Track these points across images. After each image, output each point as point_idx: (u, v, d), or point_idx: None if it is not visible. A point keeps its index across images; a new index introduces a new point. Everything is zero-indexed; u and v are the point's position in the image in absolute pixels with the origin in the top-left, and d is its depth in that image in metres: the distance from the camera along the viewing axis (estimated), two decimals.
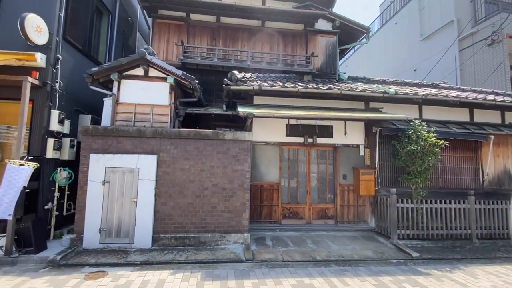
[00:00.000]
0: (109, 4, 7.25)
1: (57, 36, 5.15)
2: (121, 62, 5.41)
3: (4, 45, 4.80)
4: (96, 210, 4.85)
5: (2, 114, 5.12)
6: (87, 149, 5.00)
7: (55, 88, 5.14)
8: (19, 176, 4.25)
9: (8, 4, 4.99)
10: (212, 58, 7.42)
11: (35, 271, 4.03)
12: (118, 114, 5.50)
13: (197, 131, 5.31)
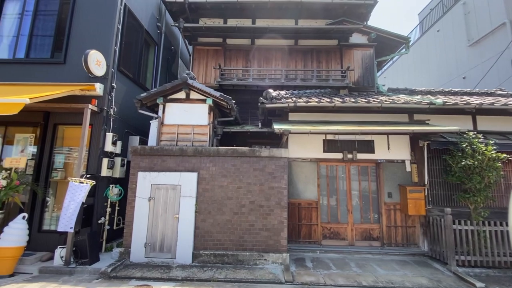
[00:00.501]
0: (155, 37, 8.07)
1: (112, 68, 5.84)
2: (166, 87, 5.89)
3: (70, 78, 5.59)
4: (142, 225, 5.15)
5: (67, 137, 5.84)
6: (135, 168, 5.42)
7: (110, 113, 5.76)
8: (79, 193, 4.74)
9: (74, 42, 5.83)
10: (247, 78, 7.72)
11: (89, 281, 4.35)
12: (163, 135, 5.92)
13: (234, 148, 5.46)
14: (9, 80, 5.64)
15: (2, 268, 4.39)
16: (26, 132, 5.78)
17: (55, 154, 5.66)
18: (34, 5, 6.00)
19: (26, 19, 5.97)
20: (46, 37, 5.94)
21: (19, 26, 5.96)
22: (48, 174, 5.52)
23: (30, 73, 5.69)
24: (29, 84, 5.57)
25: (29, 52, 5.82)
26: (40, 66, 5.76)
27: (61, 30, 5.91)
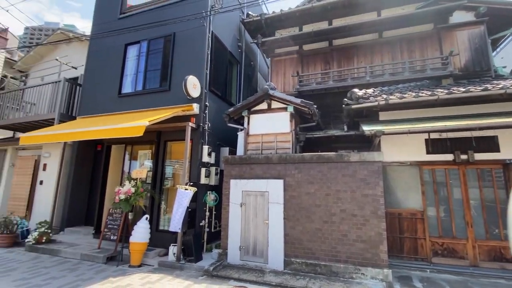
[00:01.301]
0: (237, 56, 8.80)
1: (205, 89, 6.64)
2: (249, 100, 6.29)
3: (174, 102, 6.63)
4: (236, 229, 5.54)
5: (174, 152, 6.92)
6: (228, 175, 5.92)
7: (205, 128, 6.52)
8: (185, 198, 5.48)
9: (175, 71, 6.93)
10: (326, 81, 7.47)
11: (196, 277, 4.92)
12: (249, 144, 6.30)
13: (320, 154, 5.30)
14: (132, 108, 7.14)
15: (133, 259, 5.45)
16: (145, 149, 7.15)
17: (165, 166, 6.77)
18: (146, 47, 7.48)
19: (142, 59, 7.49)
20: (156, 71, 7.27)
21: (137, 65, 7.52)
22: (161, 182, 6.64)
23: (146, 101, 7.05)
24: (145, 110, 6.91)
25: (145, 85, 7.25)
26: (152, 95, 7.07)
27: (165, 63, 7.13)
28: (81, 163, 7.85)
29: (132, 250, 5.46)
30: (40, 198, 8.03)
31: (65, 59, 9.54)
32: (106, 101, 7.59)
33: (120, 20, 8.05)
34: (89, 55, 8.40)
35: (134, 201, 5.75)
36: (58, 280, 4.57)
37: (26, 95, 9.49)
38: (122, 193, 5.67)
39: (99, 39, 8.22)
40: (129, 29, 7.63)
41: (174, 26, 7.12)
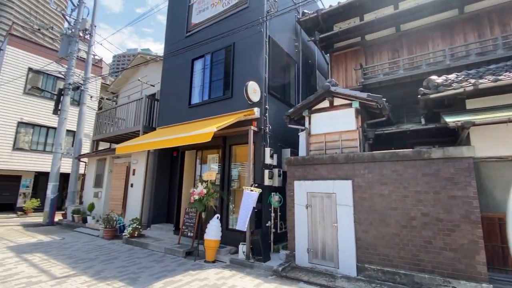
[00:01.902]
0: (294, 56, 8.75)
1: (264, 93, 6.80)
2: (310, 99, 6.17)
3: (236, 107, 6.98)
4: (303, 231, 5.48)
5: (238, 155, 7.27)
6: (291, 177, 5.91)
7: (266, 131, 6.67)
8: (251, 199, 5.69)
9: (236, 79, 7.29)
10: (395, 71, 6.79)
11: (265, 276, 5.04)
12: (311, 145, 6.17)
13: (393, 152, 4.83)
14: (201, 117, 7.80)
15: (208, 255, 5.91)
16: (213, 153, 7.72)
17: (231, 168, 7.17)
18: (210, 60, 8.10)
19: (206, 71, 8.13)
20: (219, 81, 7.80)
21: (203, 77, 8.20)
22: (229, 184, 7.05)
23: (212, 109, 7.62)
24: (212, 117, 7.47)
25: (210, 94, 7.84)
26: (217, 103, 7.60)
27: (227, 72, 7.58)
28: (161, 168, 8.95)
29: (207, 246, 5.93)
30: (132, 199, 9.45)
31: (145, 78, 11.08)
32: (179, 112, 8.49)
33: (187, 38, 8.92)
34: (163, 73, 9.54)
35: (206, 201, 6.26)
36: (149, 269, 5.29)
37: (117, 112, 11.35)
38: (196, 194, 6.24)
39: (170, 58, 9.27)
40: (195, 45, 8.39)
41: (233, 36, 7.52)
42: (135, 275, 4.90)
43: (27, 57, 15.03)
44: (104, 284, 4.48)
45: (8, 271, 5.09)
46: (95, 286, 4.38)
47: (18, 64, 14.65)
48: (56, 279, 4.70)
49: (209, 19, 8.39)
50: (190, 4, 9.21)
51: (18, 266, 5.40)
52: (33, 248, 6.91)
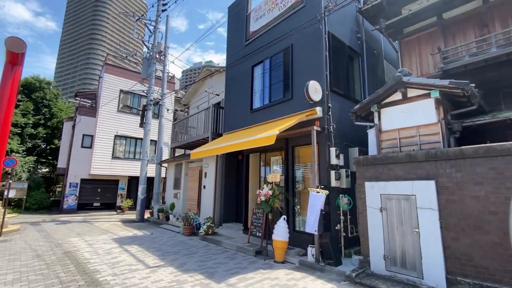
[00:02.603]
0: (357, 48, 8.23)
1: (326, 91, 6.59)
2: (378, 93, 5.70)
3: (296, 109, 6.95)
4: (377, 236, 5.07)
5: (301, 156, 7.22)
6: (361, 178, 5.56)
7: (330, 130, 6.45)
8: (318, 201, 5.57)
9: (296, 79, 7.27)
10: (485, 50, 5.72)
11: (338, 281, 4.84)
12: (383, 142, 5.68)
13: (489, 146, 4.07)
14: (263, 120, 8.04)
15: (277, 255, 6.02)
16: (276, 155, 7.85)
17: (295, 170, 7.15)
18: (269, 64, 8.29)
19: (266, 75, 8.35)
20: (278, 83, 7.91)
21: (263, 82, 8.44)
22: (293, 185, 7.05)
23: (273, 112, 7.77)
24: (273, 120, 7.61)
25: (271, 98, 8.01)
26: (277, 106, 7.71)
27: (286, 75, 7.63)
28: (229, 171, 9.55)
29: (275, 247, 6.05)
30: (205, 199, 10.34)
31: (211, 89, 12.04)
32: (242, 117, 8.93)
33: (246, 46, 9.34)
34: (226, 82, 10.20)
35: (272, 202, 6.40)
36: (223, 265, 5.69)
37: (189, 122, 12.61)
38: (262, 195, 6.44)
39: (232, 67, 9.85)
40: (254, 52, 8.72)
41: (291, 38, 7.53)
42: (212, 270, 5.35)
43: (118, 81, 18.09)
44: (187, 275, 5.02)
45: (114, 258, 6.18)
46: (180, 277, 4.94)
47: (113, 88, 17.75)
48: (149, 268, 5.48)
49: (266, 25, 8.61)
50: (247, 14, 9.63)
51: (121, 255, 6.50)
52: (130, 240, 8.22)
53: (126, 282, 4.64)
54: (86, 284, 4.57)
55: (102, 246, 7.43)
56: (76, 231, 9.87)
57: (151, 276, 4.95)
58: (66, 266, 5.58)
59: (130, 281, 4.69)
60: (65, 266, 5.55)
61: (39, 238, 8.56)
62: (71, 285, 4.54)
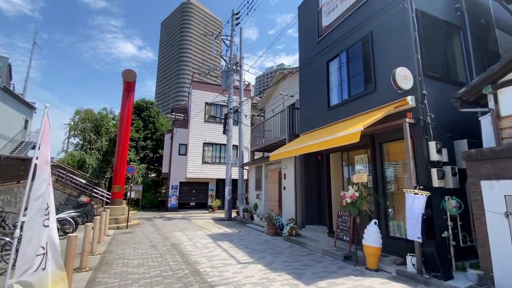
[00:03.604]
0: (455, 21, 6.88)
1: (419, 76, 5.73)
2: (493, 70, 4.60)
3: (381, 101, 6.28)
4: (503, 247, 4.05)
5: (391, 153, 6.47)
6: (474, 176, 4.57)
7: (427, 121, 5.56)
8: (417, 204, 4.86)
9: (379, 69, 6.59)
10: None
11: None
12: (503, 131, 4.54)
13: None
14: (341, 118, 7.60)
15: (369, 262, 5.53)
16: (360, 154, 7.27)
17: (385, 169, 6.45)
18: (345, 57, 7.80)
19: (343, 69, 7.88)
20: (358, 76, 7.34)
21: (340, 76, 8.00)
22: (384, 186, 6.38)
23: (353, 108, 7.24)
24: (354, 116, 7.10)
25: (350, 92, 7.51)
26: (358, 100, 7.15)
27: (367, 65, 7.01)
28: (308, 172, 9.40)
29: (367, 253, 5.58)
30: (285, 200, 10.47)
31: (285, 91, 12.18)
32: (319, 116, 8.67)
33: (319, 43, 9.07)
34: (300, 82, 10.12)
35: (359, 204, 5.94)
36: (310, 267, 5.59)
37: (265, 125, 13.06)
38: (347, 197, 6.06)
39: (305, 67, 9.71)
40: (329, 46, 8.38)
41: (369, 25, 6.91)
42: (299, 271, 5.33)
43: (203, 95, 20.35)
44: (275, 274, 5.16)
45: (210, 252, 6.90)
46: (269, 275, 5.12)
47: (199, 101, 20.09)
48: (240, 263, 5.89)
49: (340, 16, 8.15)
50: (318, 9, 9.35)
51: (216, 249, 7.21)
52: (222, 237, 9.03)
53: (222, 275, 5.11)
54: (190, 273, 5.26)
55: (200, 240, 8.42)
56: (179, 226, 11.51)
57: (243, 272, 5.30)
58: (174, 256, 6.56)
59: (225, 274, 5.14)
60: (173, 256, 6.53)
61: (153, 231, 10.37)
62: (179, 272, 5.31)
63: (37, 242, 2.78)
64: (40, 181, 2.83)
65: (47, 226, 2.92)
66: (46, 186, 2.94)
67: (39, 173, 2.88)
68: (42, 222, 2.85)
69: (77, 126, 18.66)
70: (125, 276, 5.13)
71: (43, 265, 2.82)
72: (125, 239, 8.74)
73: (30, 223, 2.72)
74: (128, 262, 6.08)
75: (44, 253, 2.87)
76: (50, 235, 3.00)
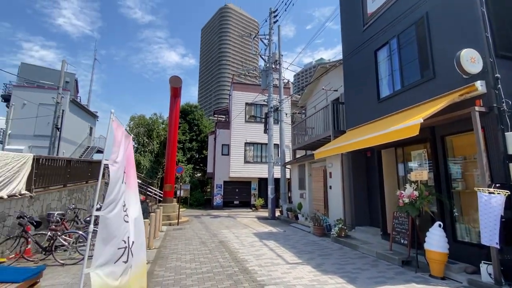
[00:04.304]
0: None
1: (490, 58, 4.95)
2: None
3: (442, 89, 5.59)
4: None
5: (456, 147, 5.72)
6: None
7: (502, 109, 4.77)
8: (494, 204, 4.20)
9: (437, 53, 5.88)
10: None
11: None
12: None
13: None
14: (393, 110, 6.98)
15: (434, 269, 4.95)
16: (418, 149, 6.59)
17: (449, 165, 5.74)
18: (396, 44, 7.15)
19: (394, 57, 7.23)
20: (412, 63, 6.67)
21: (391, 65, 7.36)
22: (448, 185, 5.67)
23: (408, 99, 6.59)
24: (408, 108, 6.46)
25: (403, 82, 6.85)
26: (413, 90, 6.49)
27: (423, 50, 6.33)
28: (356, 170, 8.86)
29: (430, 259, 5.01)
30: (332, 200, 10.04)
31: (328, 86, 11.70)
32: (368, 110, 8.11)
33: (365, 32, 8.48)
34: (345, 75, 9.59)
35: (420, 205, 5.37)
36: (364, 271, 5.23)
37: (307, 123, 12.71)
38: (405, 197, 5.54)
39: (350, 59, 9.17)
40: (376, 34, 7.78)
41: (424, 6, 6.23)
42: (352, 275, 5.02)
43: (243, 95, 20.68)
44: (326, 277, 4.93)
45: (257, 251, 6.92)
46: (319, 277, 4.92)
47: (240, 102, 20.48)
48: (288, 264, 5.78)
49: (388, 0, 7.50)
50: None
51: (263, 248, 7.22)
52: (267, 236, 9.02)
53: (271, 274, 5.06)
54: (239, 271, 5.33)
55: (246, 238, 8.53)
56: (225, 224, 11.85)
57: (292, 272, 5.19)
58: (222, 253, 6.74)
59: (274, 274, 5.08)
60: (222, 253, 6.71)
61: (201, 228, 10.84)
62: (229, 269, 5.41)
63: (118, 236, 2.93)
64: (115, 180, 3.01)
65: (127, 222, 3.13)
66: (122, 184, 3.14)
67: (115, 173, 3.08)
68: (123, 217, 3.04)
69: (132, 131, 20.51)
70: (179, 270, 5.40)
71: (124, 258, 2.97)
72: (177, 235, 9.28)
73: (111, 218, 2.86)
74: (181, 257, 6.42)
75: (126, 247, 3.02)
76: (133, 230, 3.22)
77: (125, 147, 3.42)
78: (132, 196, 3.58)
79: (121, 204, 3.01)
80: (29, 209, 6.87)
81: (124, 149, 3.34)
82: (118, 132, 3.25)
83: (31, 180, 7.07)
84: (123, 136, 3.41)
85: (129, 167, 3.63)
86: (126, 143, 3.49)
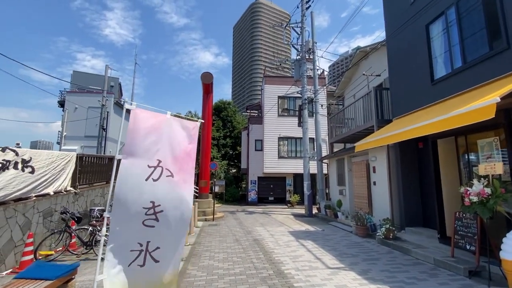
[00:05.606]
0: None
1: None
2: None
3: None
4: None
5: None
6: None
7: None
8: None
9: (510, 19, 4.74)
10: None
11: None
12: None
13: None
14: (451, 93, 5.90)
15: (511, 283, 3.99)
16: (487, 136, 5.46)
17: None
18: (455, 13, 6.01)
19: (452, 29, 6.10)
20: (477, 34, 5.53)
21: (448, 40, 6.23)
22: None
23: (471, 78, 5.49)
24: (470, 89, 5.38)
25: (465, 58, 5.73)
26: (478, 66, 5.38)
27: (491, 17, 5.18)
28: (406, 163, 7.82)
29: (508, 271, 4.04)
30: (376, 197, 9.08)
31: (369, 71, 10.60)
32: (419, 94, 7.04)
33: (413, 5, 7.35)
34: (389, 58, 8.51)
35: (494, 204, 4.38)
36: (422, 282, 4.43)
37: (345, 114, 11.73)
38: (472, 195, 4.57)
39: (395, 37, 8.09)
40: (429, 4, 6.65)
41: None
42: (407, 286, 4.27)
43: (276, 88, 20.09)
44: (375, 287, 4.27)
45: (294, 252, 6.43)
46: (366, 286, 4.28)
47: (272, 96, 19.94)
48: (329, 268, 5.19)
49: None
50: None
51: (299, 249, 6.70)
52: (304, 235, 8.47)
53: (309, 280, 4.55)
54: (274, 274, 4.90)
55: (281, 237, 8.09)
56: (260, 221, 11.54)
57: (333, 279, 4.61)
58: (256, 253, 6.38)
59: (313, 280, 4.56)
60: (256, 253, 6.36)
61: (236, 225, 10.66)
62: (263, 272, 5.02)
63: (132, 237, 2.75)
64: (126, 176, 2.83)
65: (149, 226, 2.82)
66: (144, 182, 2.87)
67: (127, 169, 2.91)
68: (141, 221, 2.77)
69: None
70: (211, 270, 5.17)
71: (139, 262, 2.77)
72: (211, 231, 9.20)
73: (123, 219, 2.69)
74: (214, 255, 6.21)
75: (142, 250, 2.79)
76: (160, 235, 2.87)
77: (163, 138, 3.18)
78: (174, 197, 3.03)
79: (140, 206, 2.75)
80: (74, 205, 7.26)
81: (154, 140, 3.13)
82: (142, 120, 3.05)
83: (75, 177, 7.45)
84: (158, 124, 3.21)
85: (176, 161, 3.25)
86: (166, 133, 3.25)
